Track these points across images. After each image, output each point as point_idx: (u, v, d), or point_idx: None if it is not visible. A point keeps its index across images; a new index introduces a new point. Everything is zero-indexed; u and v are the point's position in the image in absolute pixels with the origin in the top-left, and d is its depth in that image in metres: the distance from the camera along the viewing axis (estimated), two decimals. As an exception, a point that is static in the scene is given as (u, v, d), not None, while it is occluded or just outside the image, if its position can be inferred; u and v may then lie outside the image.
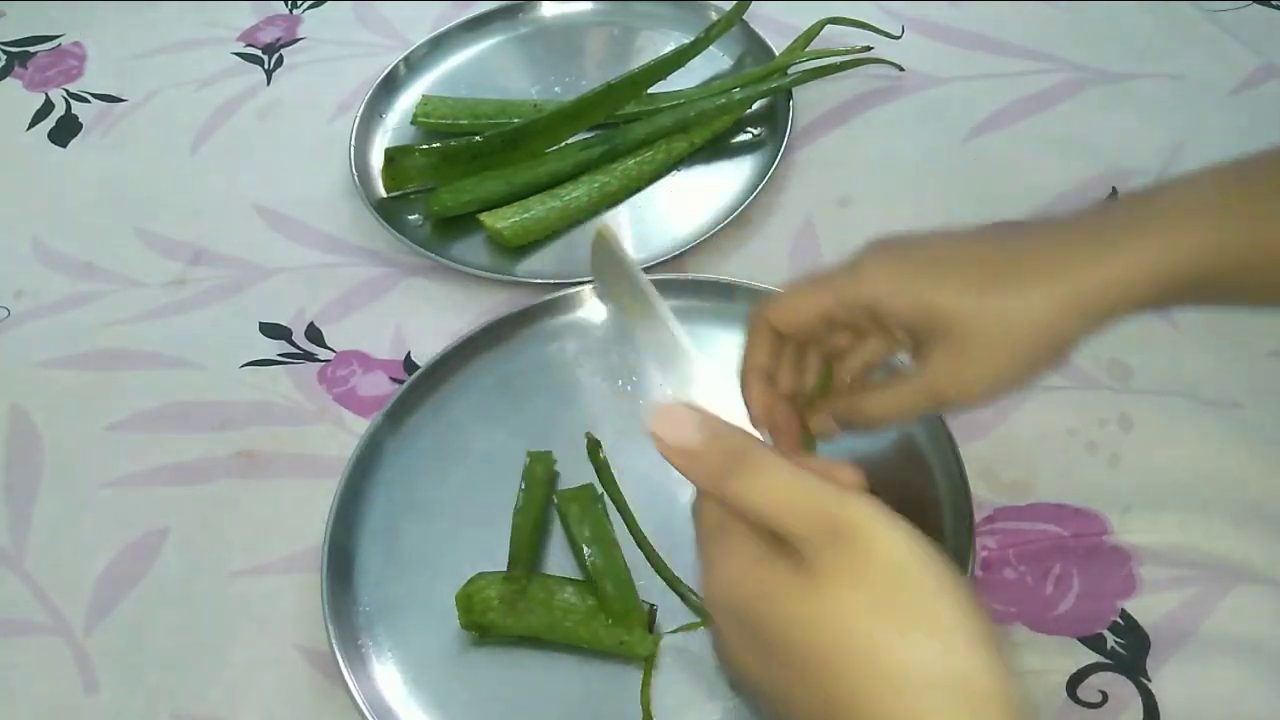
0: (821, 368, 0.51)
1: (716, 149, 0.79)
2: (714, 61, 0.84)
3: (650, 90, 0.80)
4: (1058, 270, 0.44)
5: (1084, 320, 0.45)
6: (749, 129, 0.80)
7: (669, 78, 0.80)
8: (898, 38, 0.81)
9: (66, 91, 0.93)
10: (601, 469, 0.58)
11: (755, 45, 0.84)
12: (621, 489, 0.58)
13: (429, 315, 0.72)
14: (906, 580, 0.34)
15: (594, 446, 0.59)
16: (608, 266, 0.45)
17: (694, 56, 0.81)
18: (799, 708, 0.35)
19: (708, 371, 0.42)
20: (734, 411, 0.43)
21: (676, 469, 0.38)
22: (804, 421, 0.50)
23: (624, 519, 0.57)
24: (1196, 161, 0.47)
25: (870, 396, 0.48)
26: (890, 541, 0.34)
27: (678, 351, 0.43)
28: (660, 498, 0.59)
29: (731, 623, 0.37)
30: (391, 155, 0.77)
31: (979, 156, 0.75)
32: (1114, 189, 0.72)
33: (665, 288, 0.70)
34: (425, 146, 0.78)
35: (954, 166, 0.76)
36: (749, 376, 0.49)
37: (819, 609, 0.34)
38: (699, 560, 0.39)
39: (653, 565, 0.57)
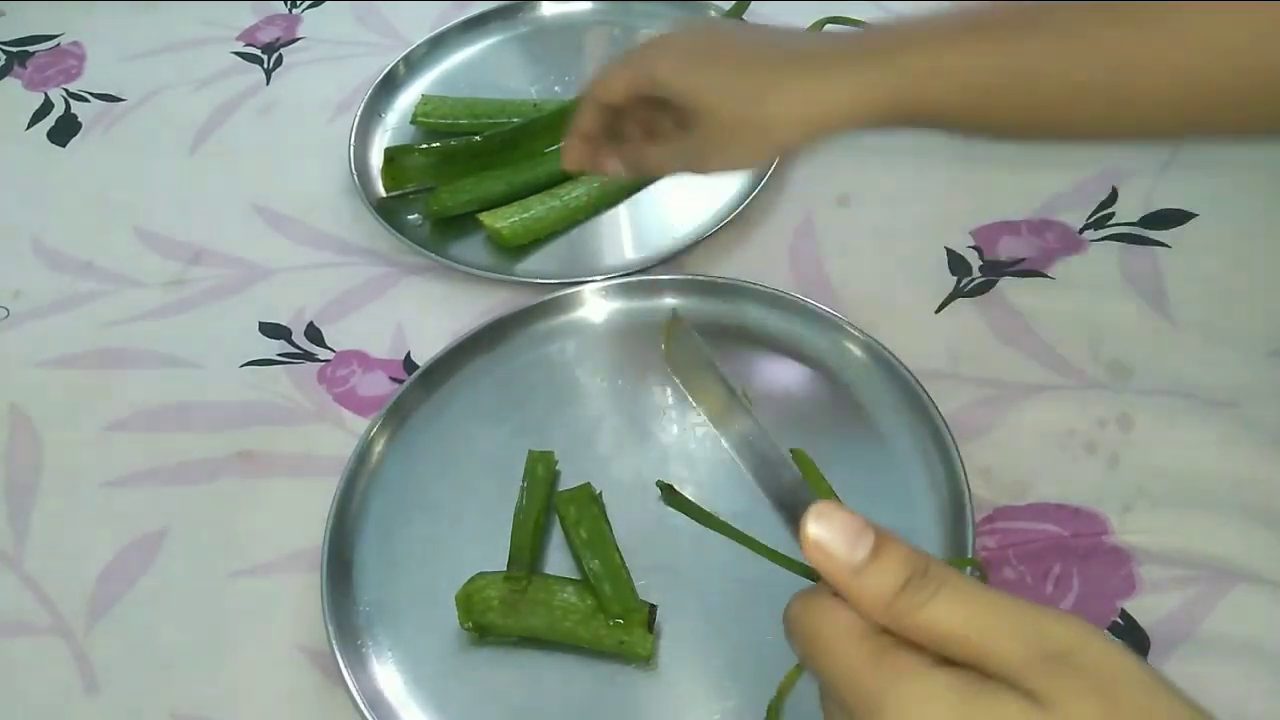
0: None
1: (716, 149, 0.79)
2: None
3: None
4: (801, 83, 0.52)
5: (808, 130, 0.53)
6: (749, 129, 0.80)
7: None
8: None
9: (66, 91, 0.93)
10: (686, 506, 0.54)
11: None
12: (620, 489, 0.58)
13: (429, 315, 0.72)
14: (1136, 693, 0.30)
15: (668, 490, 0.54)
16: (684, 359, 0.40)
17: None
18: None
19: (803, 484, 0.37)
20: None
21: (833, 583, 0.32)
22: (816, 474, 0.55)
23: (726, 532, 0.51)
24: (1196, 161, 0.47)
25: (650, 149, 0.60)
26: (1110, 654, 0.30)
27: (774, 454, 0.38)
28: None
29: None
30: (391, 155, 0.77)
31: (977, 156, 0.75)
32: (1114, 189, 0.72)
33: (666, 288, 0.70)
34: (425, 146, 0.78)
35: (953, 165, 0.76)
36: (574, 136, 0.61)
37: None
38: (834, 708, 0.32)
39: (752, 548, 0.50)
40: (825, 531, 0.32)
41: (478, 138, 0.77)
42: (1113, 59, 0.48)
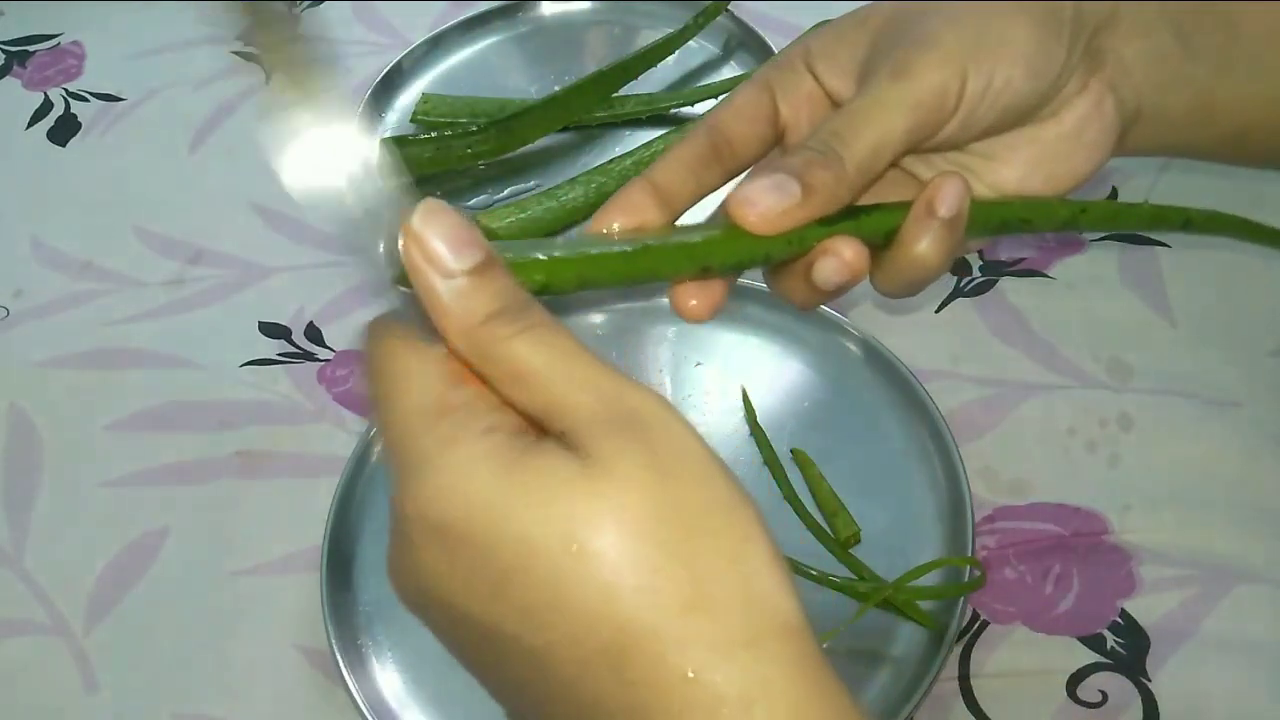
0: None
1: (716, 148, 0.79)
2: (714, 62, 0.84)
3: (650, 92, 0.80)
4: None
5: None
6: (749, 128, 0.80)
7: (669, 78, 0.80)
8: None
9: (65, 91, 0.92)
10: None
11: (755, 44, 0.84)
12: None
13: (429, 315, 0.72)
14: (691, 475, 0.28)
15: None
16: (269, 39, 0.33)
17: (683, 44, 0.81)
18: (536, 644, 0.28)
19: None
20: None
21: (419, 291, 0.29)
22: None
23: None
24: (1196, 161, 0.47)
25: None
26: (683, 436, 0.29)
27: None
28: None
29: (451, 542, 0.28)
30: (388, 146, 0.77)
31: (979, 156, 0.75)
32: (1114, 189, 0.72)
33: (665, 287, 0.70)
34: (422, 136, 0.77)
35: (954, 166, 0.76)
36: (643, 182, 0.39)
37: (607, 512, 0.27)
38: (381, 427, 0.30)
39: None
40: (431, 229, 0.29)
41: (474, 127, 0.77)
42: None
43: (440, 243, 0.29)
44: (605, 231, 0.38)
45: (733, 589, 0.27)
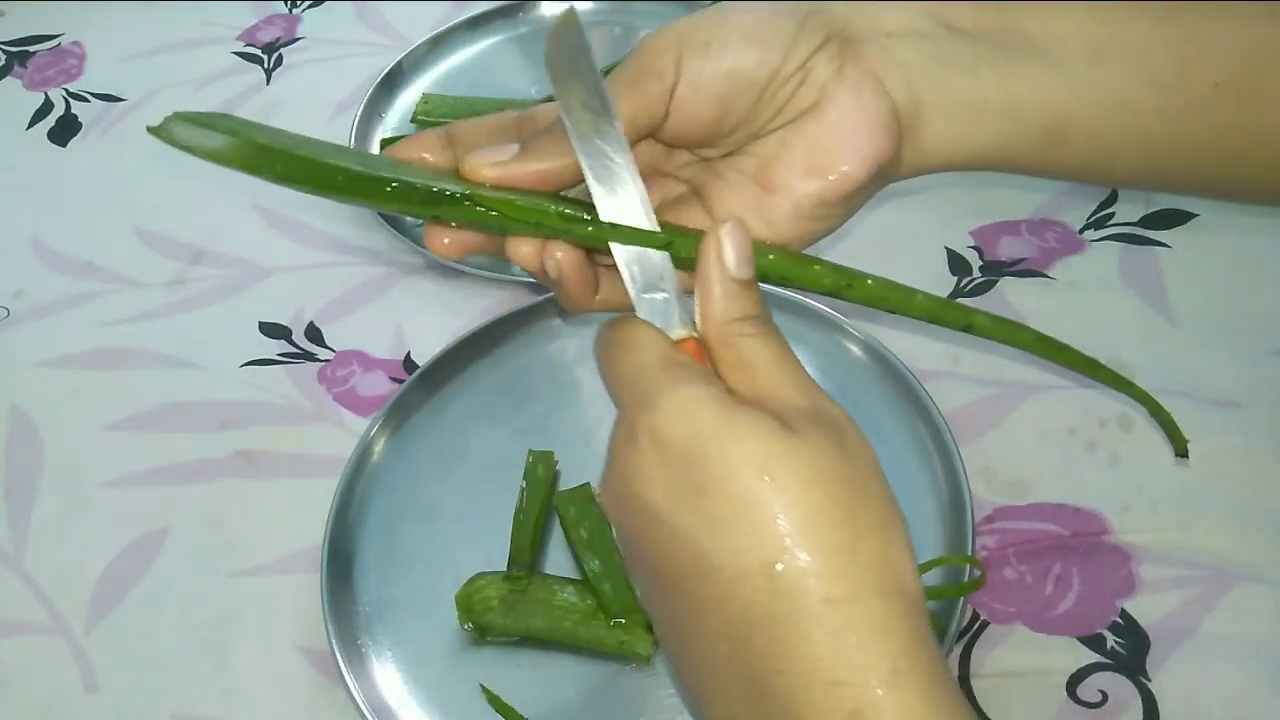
0: None
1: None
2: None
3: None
4: None
5: None
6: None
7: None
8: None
9: (66, 91, 0.93)
10: None
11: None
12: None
13: (429, 315, 0.72)
14: (871, 479, 0.35)
15: None
16: (565, 61, 0.38)
17: None
18: (710, 548, 0.33)
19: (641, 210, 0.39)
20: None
21: (700, 277, 0.37)
22: None
23: None
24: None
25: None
26: (865, 442, 0.36)
27: (622, 183, 0.39)
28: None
29: (668, 454, 0.34)
30: (386, 146, 0.77)
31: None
32: (1114, 189, 0.72)
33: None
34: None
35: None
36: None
37: (798, 462, 0.33)
38: (613, 381, 0.37)
39: None
40: (732, 239, 0.37)
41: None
42: None
43: (733, 252, 0.37)
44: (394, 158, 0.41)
45: (875, 550, 0.33)
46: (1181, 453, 0.47)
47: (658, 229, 0.38)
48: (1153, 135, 0.43)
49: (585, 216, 0.39)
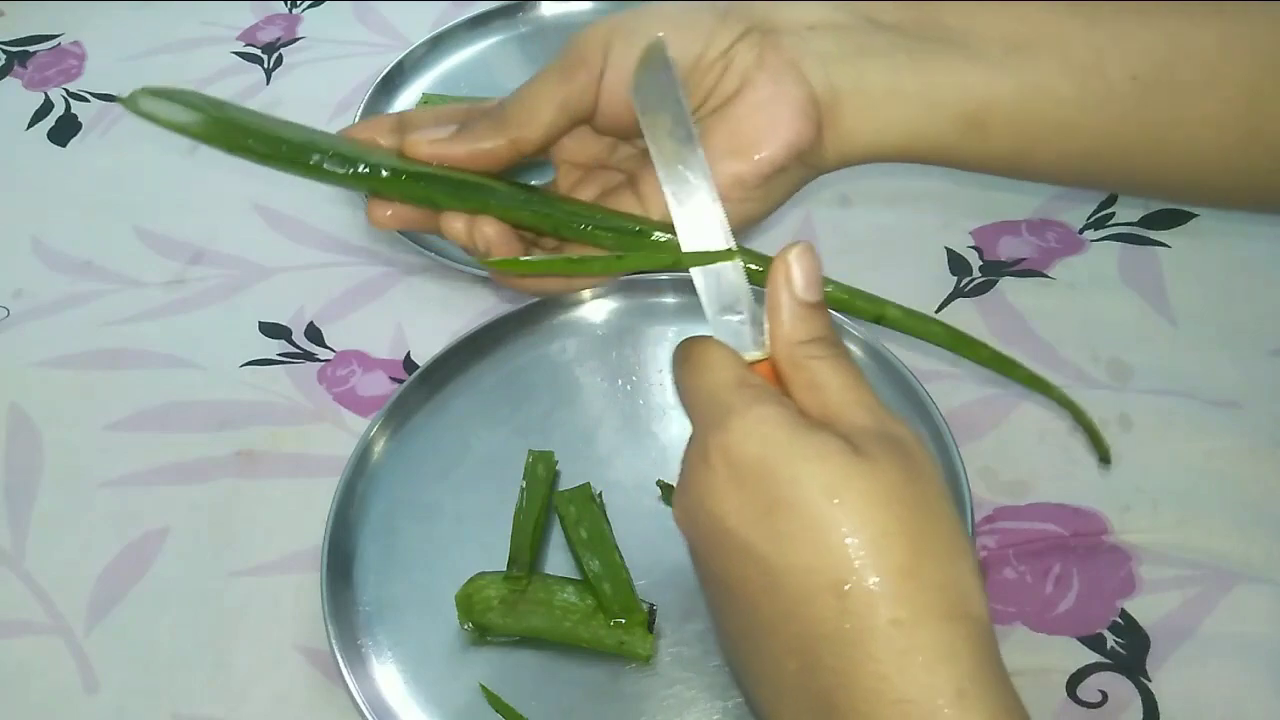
0: None
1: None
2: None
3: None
4: None
5: None
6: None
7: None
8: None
9: (66, 91, 0.93)
10: None
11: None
12: (620, 489, 0.58)
13: (429, 315, 0.72)
14: (939, 501, 0.35)
15: (668, 490, 0.59)
16: (654, 91, 0.41)
17: None
18: (780, 565, 0.34)
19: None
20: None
21: (770, 300, 0.38)
22: None
23: None
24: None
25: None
26: (932, 470, 0.36)
27: (703, 207, 0.41)
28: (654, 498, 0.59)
29: (740, 472, 0.35)
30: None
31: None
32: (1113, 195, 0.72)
33: (666, 287, 0.70)
34: None
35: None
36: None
37: (866, 485, 0.34)
38: (689, 400, 0.38)
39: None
40: (800, 263, 0.39)
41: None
42: None
43: (801, 275, 0.38)
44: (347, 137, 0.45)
45: (943, 574, 0.34)
46: (1104, 459, 0.49)
47: (735, 251, 0.41)
48: (1071, 125, 0.44)
49: (660, 238, 0.42)
